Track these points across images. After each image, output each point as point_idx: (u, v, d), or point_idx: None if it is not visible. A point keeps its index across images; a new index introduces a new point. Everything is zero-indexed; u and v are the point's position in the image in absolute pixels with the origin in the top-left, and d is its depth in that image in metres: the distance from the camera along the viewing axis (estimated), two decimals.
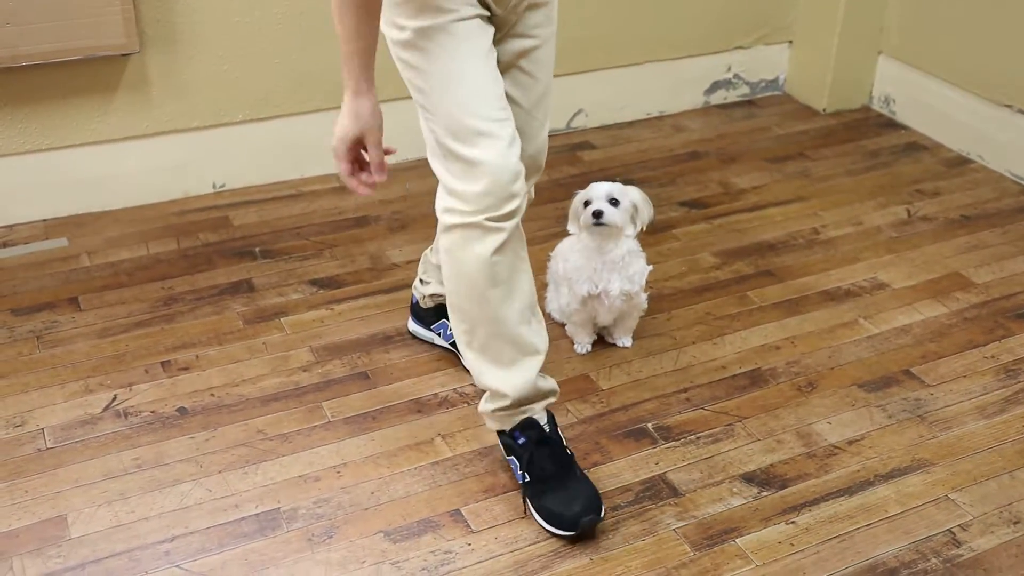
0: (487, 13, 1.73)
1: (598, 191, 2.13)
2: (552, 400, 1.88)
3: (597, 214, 2.09)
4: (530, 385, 1.82)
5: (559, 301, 2.29)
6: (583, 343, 2.28)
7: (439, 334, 2.25)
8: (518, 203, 1.72)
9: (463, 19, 1.69)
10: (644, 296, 2.25)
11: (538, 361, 1.82)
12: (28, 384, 2.17)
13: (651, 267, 2.23)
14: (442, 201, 1.75)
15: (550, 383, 1.87)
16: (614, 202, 2.11)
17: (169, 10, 2.68)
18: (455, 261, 1.76)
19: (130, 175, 2.81)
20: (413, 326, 2.31)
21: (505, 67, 1.82)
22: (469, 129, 1.68)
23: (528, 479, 1.85)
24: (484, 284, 1.74)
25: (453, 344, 2.23)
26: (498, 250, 1.72)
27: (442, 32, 1.68)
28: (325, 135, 2.98)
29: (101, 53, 2.61)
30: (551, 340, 1.92)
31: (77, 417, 2.08)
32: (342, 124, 1.77)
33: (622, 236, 2.14)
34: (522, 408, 1.84)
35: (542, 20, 1.83)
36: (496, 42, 1.78)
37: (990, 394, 2.18)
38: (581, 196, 2.15)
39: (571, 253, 2.21)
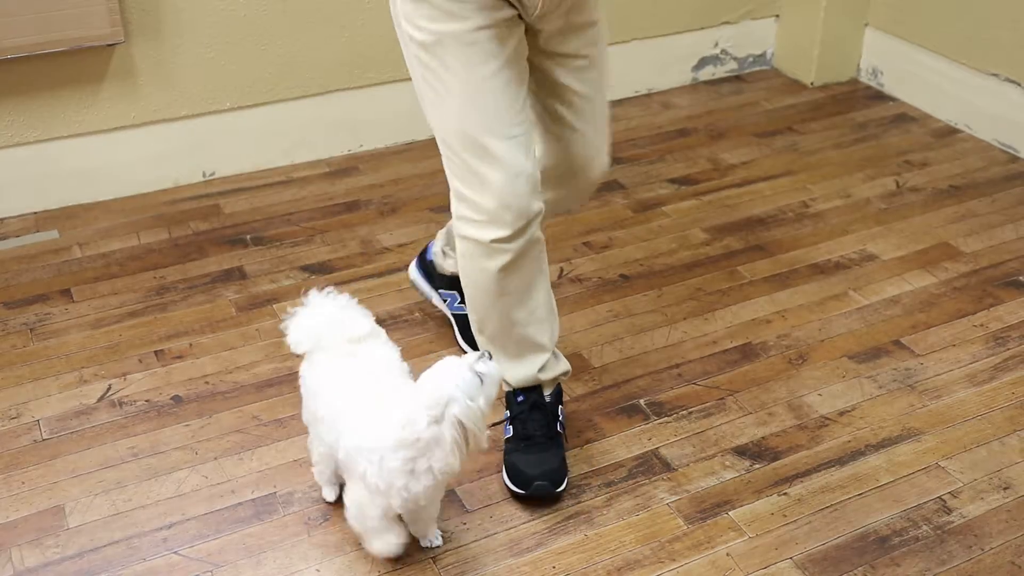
0: (512, 12, 1.65)
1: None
2: (563, 378, 1.93)
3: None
4: (531, 378, 1.87)
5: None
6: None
7: (445, 301, 2.24)
8: (525, 223, 1.70)
9: (480, 28, 1.62)
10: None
11: (542, 359, 1.86)
12: (22, 376, 2.18)
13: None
14: (454, 205, 1.75)
15: (561, 366, 1.91)
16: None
17: None
18: (466, 268, 1.78)
19: (119, 165, 2.81)
20: (416, 275, 2.29)
21: (552, 86, 1.78)
22: (480, 145, 1.66)
23: (511, 434, 1.90)
24: (495, 293, 1.77)
25: (456, 317, 2.23)
26: (506, 267, 1.73)
27: (457, 42, 1.62)
28: (313, 121, 3.00)
29: (87, 44, 2.61)
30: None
31: (72, 408, 2.10)
32: None
33: None
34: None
35: (588, 41, 1.76)
36: (540, 59, 1.75)
37: (979, 362, 2.19)
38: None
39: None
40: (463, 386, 1.56)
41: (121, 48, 2.69)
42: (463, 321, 2.20)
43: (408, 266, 2.37)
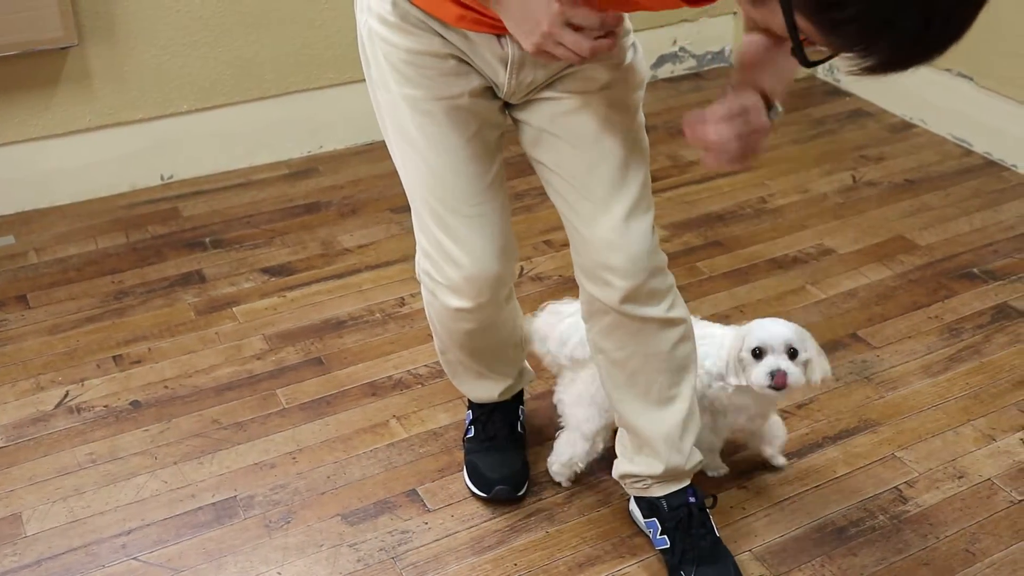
0: (481, 81, 1.46)
1: (775, 337, 1.65)
2: (526, 385, 1.94)
3: (778, 378, 1.63)
4: (490, 399, 1.87)
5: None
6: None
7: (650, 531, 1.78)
8: (488, 297, 1.60)
9: (439, 98, 1.45)
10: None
11: (504, 384, 1.85)
12: None
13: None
14: (418, 256, 1.62)
15: (524, 379, 1.90)
16: (793, 353, 1.65)
17: (107, 1, 2.65)
18: (428, 310, 1.71)
19: (76, 170, 2.79)
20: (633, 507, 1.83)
21: (536, 133, 1.52)
22: (442, 218, 1.54)
23: (472, 434, 1.90)
24: (458, 343, 1.73)
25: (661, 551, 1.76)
26: (470, 331, 1.68)
27: (413, 109, 1.47)
28: (272, 123, 2.98)
29: (39, 47, 2.58)
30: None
31: (29, 415, 2.07)
32: None
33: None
34: None
35: (575, 84, 1.47)
36: (522, 105, 1.52)
37: (934, 353, 2.22)
38: (747, 340, 1.68)
39: None
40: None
41: (75, 51, 2.67)
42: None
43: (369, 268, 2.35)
